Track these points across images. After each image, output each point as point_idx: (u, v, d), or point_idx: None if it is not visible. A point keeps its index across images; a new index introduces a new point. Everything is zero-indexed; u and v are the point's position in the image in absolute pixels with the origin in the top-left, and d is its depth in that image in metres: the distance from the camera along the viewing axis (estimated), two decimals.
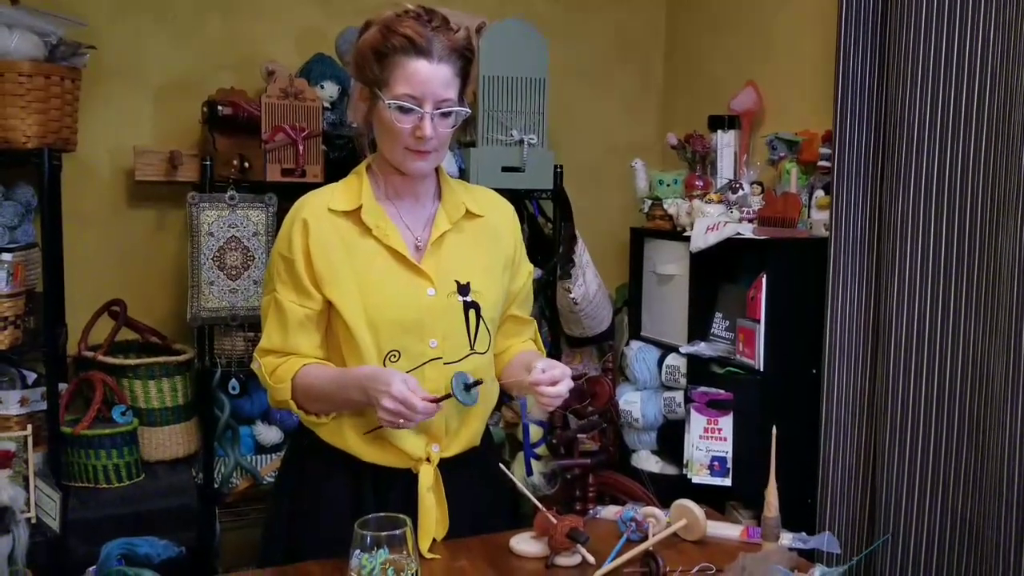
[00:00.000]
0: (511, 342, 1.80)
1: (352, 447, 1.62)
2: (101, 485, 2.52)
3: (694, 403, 2.67)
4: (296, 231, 1.60)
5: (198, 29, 2.92)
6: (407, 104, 1.53)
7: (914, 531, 2.31)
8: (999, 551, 2.07)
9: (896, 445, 2.34)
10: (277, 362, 1.62)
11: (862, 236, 2.45)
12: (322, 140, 2.70)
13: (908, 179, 2.30)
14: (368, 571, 1.20)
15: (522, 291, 1.78)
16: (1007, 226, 2.07)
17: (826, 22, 2.66)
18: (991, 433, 2.12)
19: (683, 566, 1.51)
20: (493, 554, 1.57)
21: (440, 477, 1.63)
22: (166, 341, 2.83)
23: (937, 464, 2.27)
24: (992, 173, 2.15)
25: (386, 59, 1.54)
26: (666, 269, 2.91)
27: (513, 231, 1.76)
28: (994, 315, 2.12)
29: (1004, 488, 2.04)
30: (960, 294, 2.23)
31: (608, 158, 3.45)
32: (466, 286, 1.62)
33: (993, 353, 2.12)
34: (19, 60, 2.31)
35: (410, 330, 1.58)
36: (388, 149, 1.60)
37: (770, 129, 2.90)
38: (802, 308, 2.54)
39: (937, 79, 2.24)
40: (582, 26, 3.43)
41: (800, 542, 1.63)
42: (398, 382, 1.46)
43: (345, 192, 1.64)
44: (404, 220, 1.64)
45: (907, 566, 2.32)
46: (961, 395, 2.23)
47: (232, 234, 2.60)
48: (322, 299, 1.59)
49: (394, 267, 1.60)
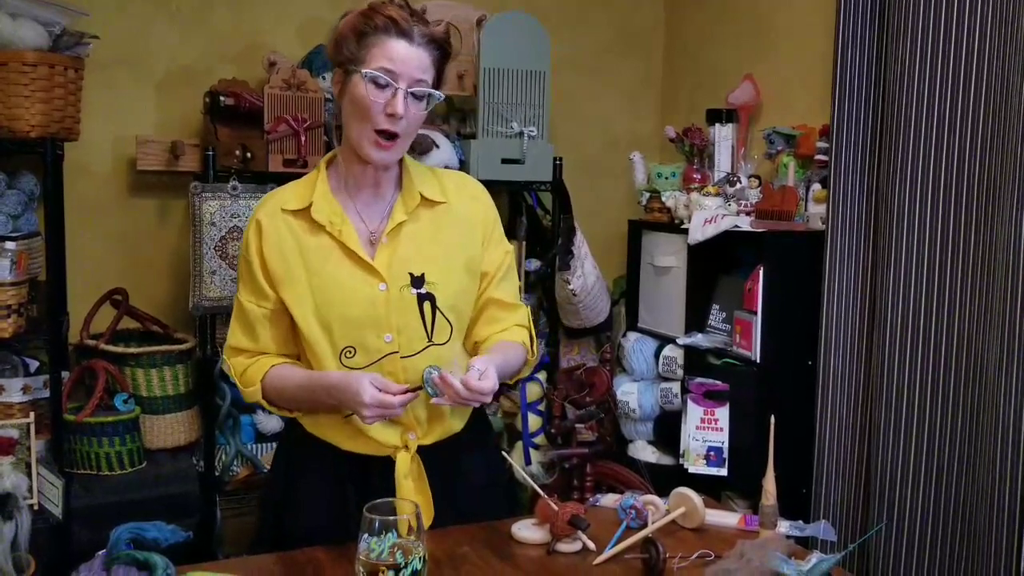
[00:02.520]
0: (493, 329, 1.72)
1: (331, 436, 1.64)
2: (103, 472, 2.54)
3: (691, 394, 2.69)
4: (252, 232, 1.62)
5: (201, 19, 2.92)
6: (383, 78, 1.52)
7: (908, 518, 2.34)
8: (992, 537, 2.10)
9: (891, 434, 2.37)
10: (246, 363, 1.65)
11: (858, 229, 2.47)
12: (324, 131, 2.72)
13: (904, 173, 2.32)
14: (376, 555, 1.22)
15: (499, 270, 1.72)
16: (1001, 219, 2.09)
17: (825, 17, 2.68)
18: (985, 422, 2.15)
19: (682, 553, 1.53)
20: (495, 540, 1.59)
21: (420, 464, 1.63)
22: (168, 330, 2.85)
23: (931, 453, 2.30)
24: (988, 167, 2.17)
25: (366, 38, 1.54)
26: (664, 261, 2.93)
27: (483, 213, 1.71)
28: (988, 306, 2.15)
29: (997, 476, 2.07)
30: (955, 286, 2.26)
31: (607, 151, 3.47)
32: (420, 278, 1.60)
33: (987, 344, 2.15)
34: (23, 50, 2.32)
35: (364, 326, 1.58)
36: (356, 132, 1.57)
37: (768, 123, 2.93)
38: (798, 300, 2.56)
39: (934, 74, 2.26)
40: (582, 19, 3.44)
41: (797, 530, 1.65)
42: (367, 388, 1.48)
43: (299, 190, 1.64)
44: (361, 213, 1.63)
45: (902, 553, 2.35)
46: (956, 385, 2.26)
47: (234, 224, 2.61)
48: (277, 298, 1.61)
49: (346, 263, 1.59)
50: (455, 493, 1.68)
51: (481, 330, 1.73)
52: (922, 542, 2.32)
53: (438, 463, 1.66)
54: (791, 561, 1.37)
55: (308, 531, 1.61)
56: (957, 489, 2.25)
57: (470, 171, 2.85)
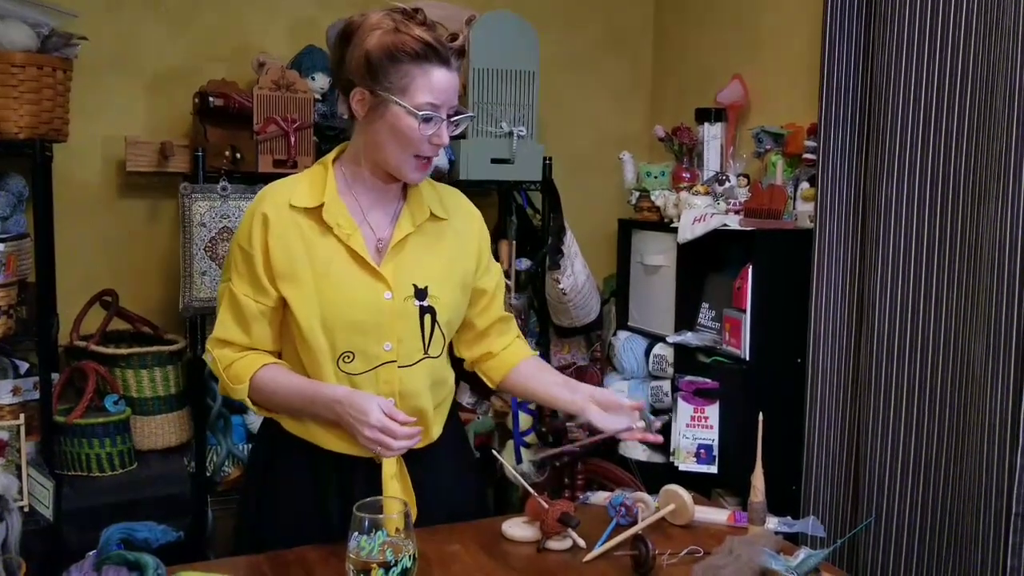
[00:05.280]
0: (505, 341, 1.81)
1: (314, 435, 1.62)
2: (94, 474, 2.54)
3: (681, 392, 2.70)
4: (256, 225, 1.57)
5: (189, 20, 2.92)
6: (431, 114, 1.52)
7: (896, 514, 2.35)
8: (980, 533, 2.11)
9: (879, 431, 2.38)
10: (233, 356, 1.61)
11: (846, 227, 2.49)
12: (313, 131, 2.72)
13: (891, 171, 2.34)
14: (367, 553, 1.23)
15: (497, 288, 1.78)
16: (988, 216, 2.11)
17: (812, 17, 2.69)
18: (972, 418, 2.17)
19: (672, 549, 1.54)
20: (485, 539, 1.60)
21: (404, 465, 1.63)
22: (158, 331, 2.84)
23: (919, 449, 2.32)
24: (973, 165, 2.18)
25: (400, 65, 1.51)
26: (653, 260, 2.94)
27: (479, 232, 1.74)
28: (975, 303, 2.16)
29: (984, 471, 2.09)
30: (942, 283, 2.27)
31: (596, 150, 3.48)
32: (424, 290, 1.60)
33: (974, 340, 2.17)
34: (11, 51, 2.31)
35: (366, 332, 1.57)
36: (394, 157, 1.56)
37: (756, 122, 2.94)
38: (787, 298, 2.57)
39: (920, 73, 2.27)
40: (571, 19, 3.45)
41: (786, 526, 1.66)
42: (375, 411, 1.46)
43: (308, 187, 1.61)
44: (367, 218, 1.62)
45: (889, 548, 2.37)
46: (943, 382, 2.27)
47: (224, 225, 2.61)
48: (277, 296, 1.58)
49: (353, 268, 1.58)
50: (438, 496, 1.68)
51: (495, 342, 1.80)
52: (910, 537, 2.33)
53: (420, 467, 1.65)
54: (780, 557, 1.38)
55: (287, 529, 1.60)
56: (945, 485, 2.27)
57: (460, 171, 2.85)
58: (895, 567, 2.36)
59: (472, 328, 1.77)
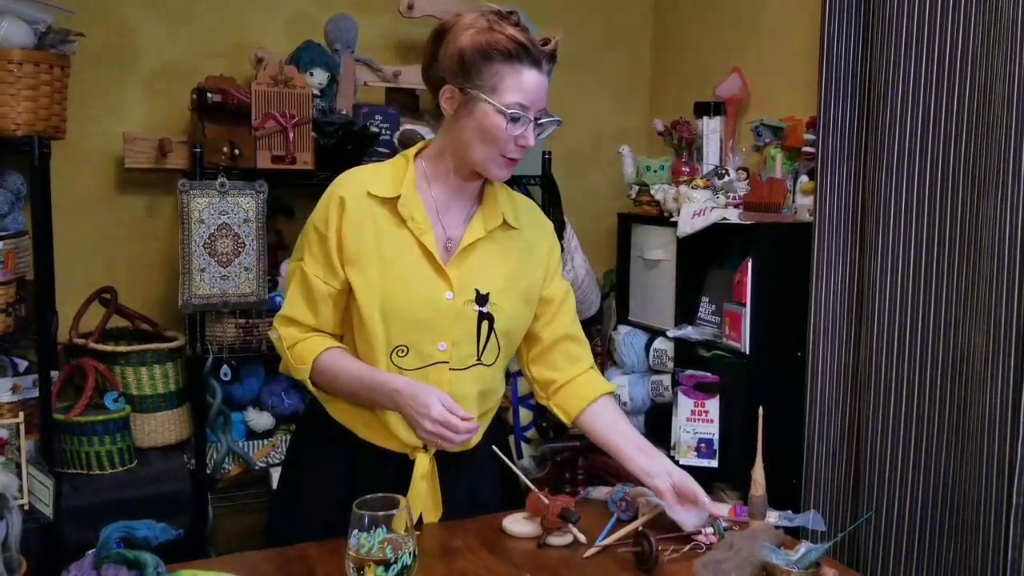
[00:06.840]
0: (577, 369, 1.76)
1: (351, 422, 1.64)
2: (94, 471, 2.53)
3: (681, 386, 2.70)
4: (333, 207, 1.59)
5: (187, 16, 2.91)
6: (519, 113, 1.53)
7: (897, 507, 2.35)
8: (979, 526, 2.11)
9: (879, 425, 2.38)
10: (299, 336, 1.62)
11: (846, 220, 2.48)
12: (312, 127, 2.71)
13: (891, 164, 2.33)
14: (366, 550, 1.22)
15: (565, 299, 1.75)
16: (987, 209, 2.10)
17: (811, 9, 2.68)
18: (972, 411, 2.17)
19: (673, 544, 1.54)
20: (487, 534, 1.60)
21: (435, 466, 1.64)
22: (157, 328, 2.84)
23: (919, 442, 2.32)
24: (973, 158, 2.18)
25: (492, 63, 1.51)
26: (653, 254, 2.94)
27: (549, 250, 1.73)
28: (975, 297, 2.16)
29: (984, 464, 2.08)
30: (942, 277, 2.27)
31: (596, 144, 3.47)
32: (485, 296, 1.61)
33: (974, 333, 2.16)
34: (8, 48, 2.30)
35: (422, 329, 1.58)
36: (480, 155, 1.56)
37: (755, 115, 2.93)
38: (787, 292, 2.57)
39: (919, 66, 2.27)
40: (570, 13, 3.44)
41: (786, 520, 1.66)
42: (437, 404, 1.46)
43: (388, 177, 1.62)
44: (440, 217, 1.62)
45: (890, 541, 2.37)
46: (943, 375, 2.27)
47: (223, 221, 2.61)
48: (345, 279, 1.59)
49: (420, 263, 1.59)
50: (465, 495, 1.69)
51: (562, 367, 1.75)
52: (911, 531, 2.33)
53: (451, 466, 1.66)
54: (780, 551, 1.38)
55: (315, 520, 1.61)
56: (945, 478, 2.27)
57: None
58: (896, 560, 2.36)
59: (538, 341, 1.75)
